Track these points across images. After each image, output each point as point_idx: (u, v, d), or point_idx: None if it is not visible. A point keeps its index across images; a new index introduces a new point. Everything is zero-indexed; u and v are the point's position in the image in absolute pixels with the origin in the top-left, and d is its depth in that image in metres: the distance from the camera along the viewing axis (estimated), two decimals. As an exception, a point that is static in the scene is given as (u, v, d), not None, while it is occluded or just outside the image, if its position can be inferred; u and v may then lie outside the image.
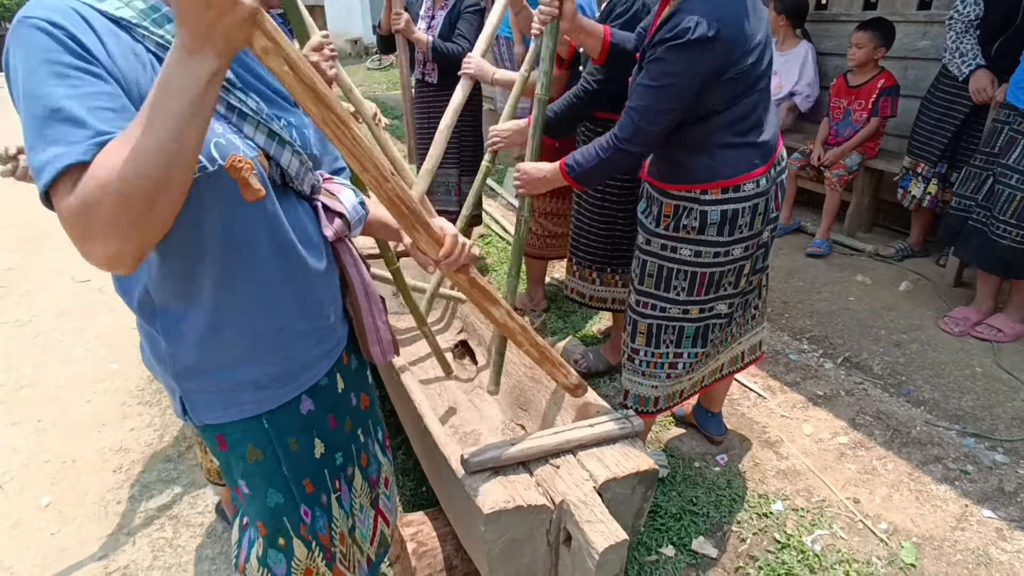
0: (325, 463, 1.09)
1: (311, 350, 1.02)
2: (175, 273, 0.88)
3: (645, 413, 1.82)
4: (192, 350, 0.92)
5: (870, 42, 3.21)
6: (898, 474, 2.04)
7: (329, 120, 0.81)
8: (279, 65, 0.74)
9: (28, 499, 2.12)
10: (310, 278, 0.98)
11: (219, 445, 0.99)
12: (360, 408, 1.21)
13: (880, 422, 2.28)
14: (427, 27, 3.08)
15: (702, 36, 1.36)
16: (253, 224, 0.89)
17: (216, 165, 0.82)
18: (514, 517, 1.35)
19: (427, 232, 1.04)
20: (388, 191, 0.93)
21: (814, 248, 3.53)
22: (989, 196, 2.53)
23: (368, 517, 1.25)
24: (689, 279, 1.64)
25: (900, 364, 2.59)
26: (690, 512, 1.91)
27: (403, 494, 2.08)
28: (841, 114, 3.47)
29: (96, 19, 0.77)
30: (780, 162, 1.63)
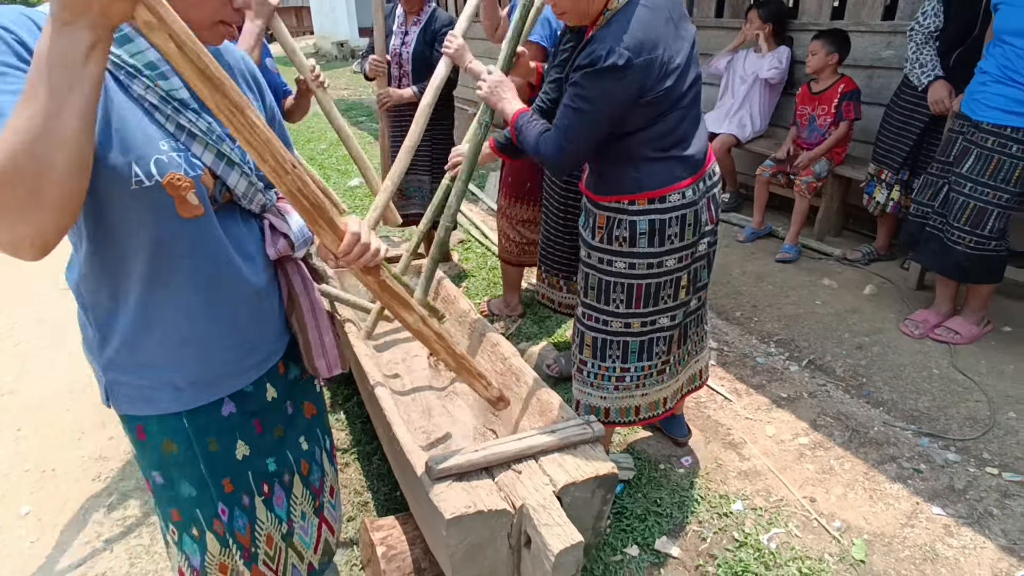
0: (249, 466, 1.12)
1: (238, 362, 1.06)
2: (106, 272, 0.92)
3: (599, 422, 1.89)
4: (116, 344, 0.96)
5: (822, 49, 3.34)
6: (854, 473, 2.13)
7: (222, 106, 0.79)
8: (164, 42, 0.72)
9: (8, 508, 2.15)
10: (244, 294, 1.02)
11: (138, 435, 1.04)
12: (302, 417, 1.24)
13: (840, 423, 2.36)
14: (401, 43, 3.13)
15: (613, 65, 1.42)
16: (187, 238, 0.92)
17: (153, 180, 0.85)
18: (475, 521, 1.41)
19: (330, 228, 1.01)
20: (288, 183, 0.91)
21: (783, 254, 3.62)
22: (944, 203, 2.63)
23: (311, 525, 1.28)
24: (626, 291, 1.69)
25: (862, 366, 2.67)
26: (654, 513, 1.99)
27: (377, 499, 2.13)
28: (807, 120, 3.58)
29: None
30: (710, 176, 1.70)
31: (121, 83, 0.86)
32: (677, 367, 1.88)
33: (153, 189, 0.86)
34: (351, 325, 2.38)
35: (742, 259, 3.67)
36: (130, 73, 0.86)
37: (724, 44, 4.23)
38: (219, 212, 0.97)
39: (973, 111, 2.49)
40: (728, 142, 4.03)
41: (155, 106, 0.88)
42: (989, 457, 2.16)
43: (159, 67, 0.88)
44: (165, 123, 0.89)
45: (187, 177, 0.89)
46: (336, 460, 1.39)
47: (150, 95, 0.88)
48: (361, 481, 2.22)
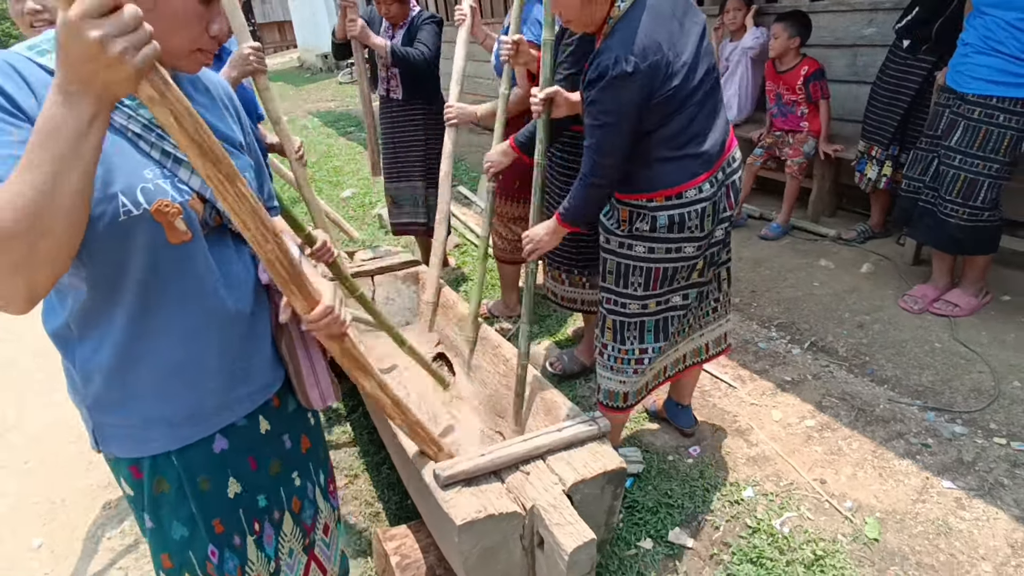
0: (241, 503, 1.09)
1: (228, 392, 1.03)
2: (93, 307, 0.90)
3: (615, 409, 1.90)
4: (103, 383, 0.94)
5: (784, 32, 3.36)
6: (863, 452, 2.13)
7: (213, 176, 0.81)
8: (164, 116, 0.73)
9: (20, 541, 2.15)
10: (232, 319, 1.00)
11: (133, 475, 1.01)
12: (298, 452, 1.21)
13: (845, 403, 2.36)
14: (386, 40, 3.12)
15: (621, 72, 1.46)
16: (176, 265, 0.92)
17: (141, 209, 0.85)
18: (487, 525, 1.41)
19: (302, 295, 1.01)
20: (267, 252, 0.92)
21: (767, 231, 3.67)
22: (935, 177, 2.63)
23: (299, 563, 1.23)
24: (645, 275, 1.72)
25: (864, 345, 2.68)
26: (666, 505, 1.99)
27: (388, 508, 2.13)
28: (774, 97, 3.63)
29: (33, 72, 0.81)
30: (729, 164, 1.70)
31: None
32: (676, 337, 1.91)
33: (141, 218, 0.86)
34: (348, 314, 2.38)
35: (738, 245, 3.67)
36: None
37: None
38: (209, 236, 0.97)
39: (958, 83, 2.49)
40: None
41: (138, 135, 0.88)
42: (996, 427, 2.16)
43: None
44: (150, 151, 0.89)
45: (174, 203, 0.89)
46: (334, 497, 1.34)
47: (132, 124, 0.88)
48: (372, 492, 2.21)
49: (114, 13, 0.65)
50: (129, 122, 0.88)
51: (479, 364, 2.38)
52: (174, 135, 0.75)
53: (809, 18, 3.43)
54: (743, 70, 3.96)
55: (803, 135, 3.55)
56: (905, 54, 2.99)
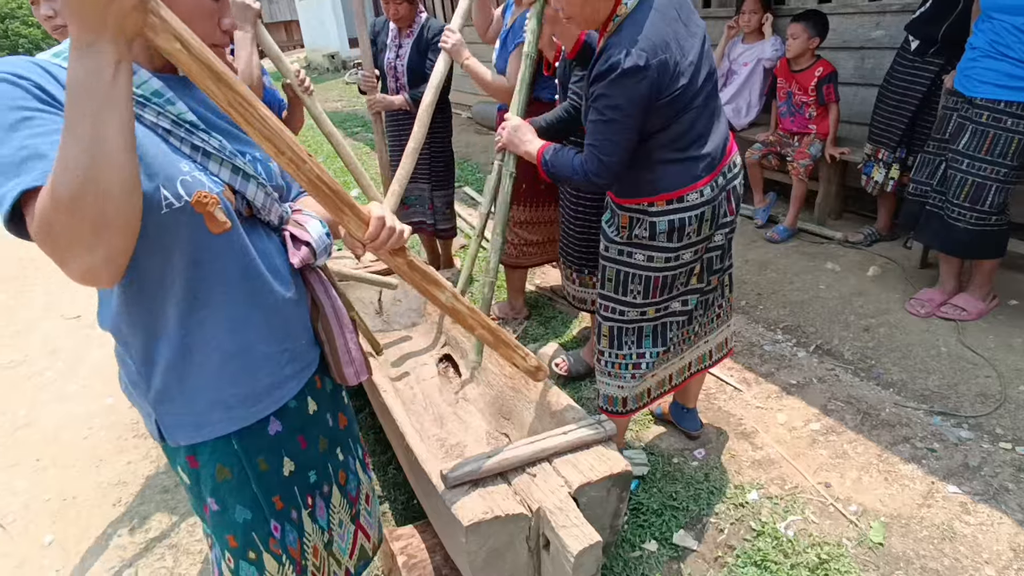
0: (295, 481, 1.15)
1: (279, 371, 1.08)
2: (146, 300, 0.93)
3: (616, 413, 1.90)
4: (163, 374, 0.98)
5: (803, 32, 3.34)
6: (868, 456, 2.13)
7: (234, 101, 0.81)
8: (169, 43, 0.74)
9: (31, 538, 2.18)
10: (277, 304, 1.05)
11: (190, 464, 1.06)
12: (338, 428, 1.28)
13: (851, 406, 2.37)
14: (395, 55, 3.15)
15: (633, 66, 1.44)
16: (220, 254, 0.95)
17: (182, 201, 0.88)
18: (493, 527, 1.42)
19: (354, 213, 1.04)
20: (307, 172, 0.93)
21: (773, 233, 3.67)
22: (943, 181, 2.63)
23: (348, 532, 1.32)
24: (643, 283, 1.73)
25: (870, 348, 2.68)
26: (670, 507, 2.00)
27: (394, 507, 2.15)
28: (784, 95, 3.62)
29: (61, 74, 0.84)
30: (730, 169, 1.71)
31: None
32: (681, 346, 1.91)
33: (183, 210, 0.88)
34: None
35: (744, 248, 3.68)
36: (140, 103, 0.89)
37: (712, 34, 4.22)
38: (243, 226, 1.00)
39: (966, 87, 2.49)
40: None
41: (168, 131, 0.91)
42: (1002, 432, 2.16)
43: (164, 94, 0.91)
44: (180, 146, 0.92)
45: (212, 193, 0.92)
46: (369, 468, 1.42)
47: (162, 120, 0.91)
48: (378, 491, 2.23)
49: None
50: (159, 119, 0.90)
51: (485, 366, 2.40)
52: (183, 63, 0.76)
53: (827, 19, 3.40)
54: (758, 77, 3.95)
55: (809, 138, 3.54)
56: (913, 57, 2.98)
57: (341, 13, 14.40)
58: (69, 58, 0.70)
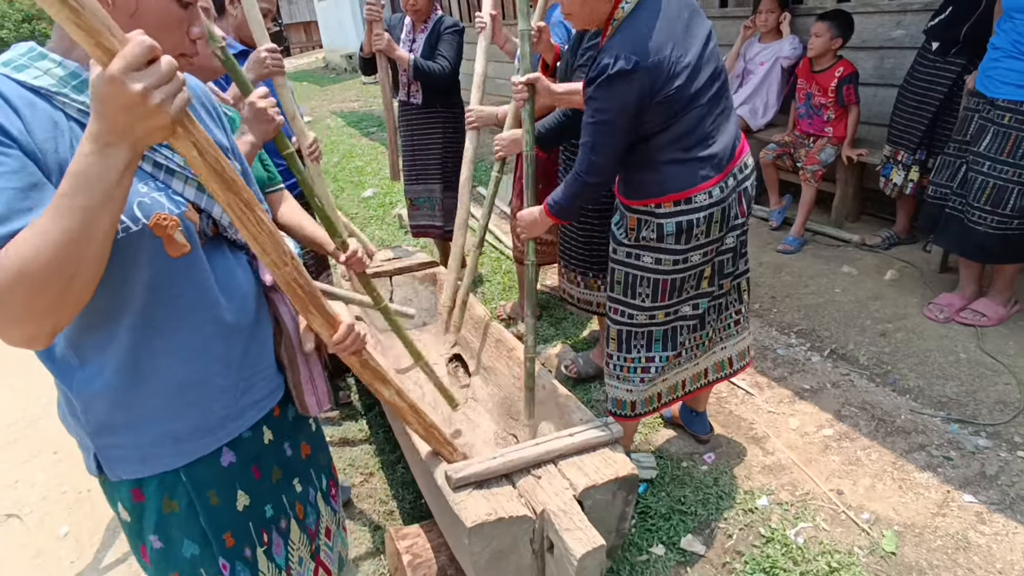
0: (250, 516, 1.08)
1: (235, 401, 1.02)
2: (94, 329, 0.88)
3: (624, 417, 1.89)
4: (107, 405, 0.92)
5: (827, 31, 3.28)
6: (882, 464, 2.09)
7: (234, 205, 0.81)
8: (188, 150, 0.75)
9: (47, 530, 2.22)
10: (234, 331, 0.99)
11: (133, 497, 0.99)
12: (299, 458, 1.21)
13: (865, 412, 2.33)
14: (408, 50, 3.16)
15: (621, 70, 1.46)
16: (178, 278, 0.91)
17: (140, 224, 0.84)
18: (497, 528, 1.42)
19: (321, 315, 1.02)
20: (285, 274, 0.92)
21: (785, 245, 3.58)
22: (963, 184, 2.57)
23: (308, 570, 1.24)
24: (652, 286, 1.72)
25: (886, 354, 2.63)
26: (679, 511, 1.98)
27: (402, 507, 2.16)
28: (804, 96, 3.55)
29: (12, 90, 0.79)
30: (741, 171, 1.69)
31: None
32: (695, 351, 1.89)
33: (140, 233, 0.84)
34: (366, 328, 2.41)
35: (759, 250, 3.63)
36: None
37: (729, 34, 4.19)
38: (206, 247, 0.95)
39: (987, 88, 2.44)
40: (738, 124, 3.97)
41: None
42: (1021, 440, 2.11)
43: None
44: (142, 164, 0.87)
45: (172, 215, 0.87)
46: (336, 500, 1.35)
47: None
48: (386, 490, 2.24)
49: (152, 64, 0.66)
50: None
51: (493, 366, 2.40)
52: (195, 166, 0.76)
53: (852, 19, 3.33)
54: (776, 77, 3.90)
55: (823, 141, 3.49)
56: (934, 57, 2.92)
57: (359, 14, 14.50)
58: (80, 148, 0.69)
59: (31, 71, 0.82)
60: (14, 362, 3.36)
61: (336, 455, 2.43)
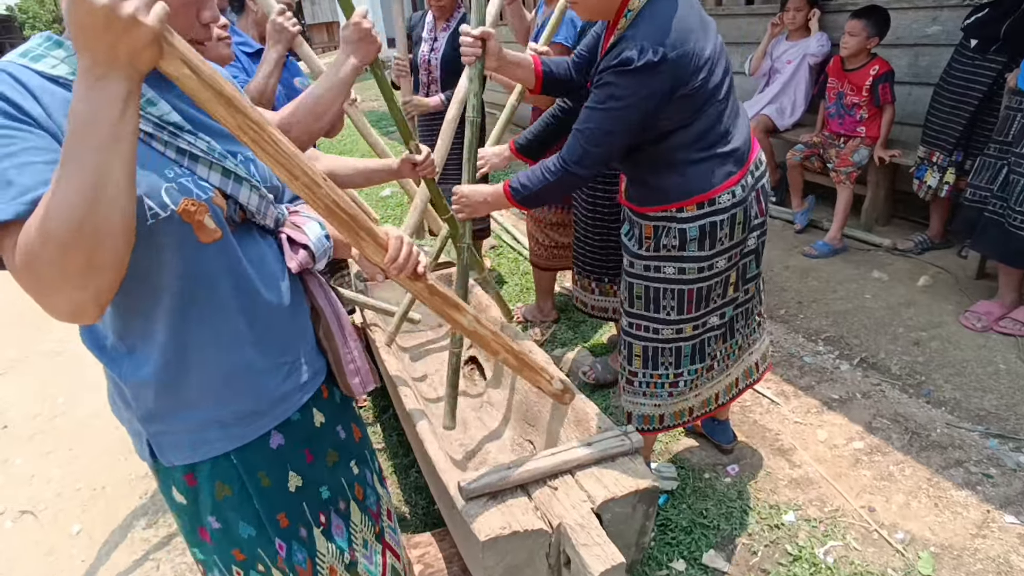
0: (303, 497, 1.08)
1: (279, 387, 1.02)
2: (134, 317, 0.89)
3: (651, 431, 1.81)
4: (155, 393, 0.92)
5: (863, 30, 3.16)
6: (916, 480, 1.99)
7: (245, 126, 0.78)
8: (177, 68, 0.71)
9: (61, 527, 2.21)
10: (273, 314, 0.99)
11: (187, 482, 1.00)
12: (352, 440, 1.21)
13: (898, 425, 2.22)
14: (430, 48, 3.12)
15: (648, 63, 1.36)
16: (211, 264, 0.90)
17: (168, 211, 0.83)
18: (511, 542, 1.37)
19: (372, 239, 1.00)
20: (322, 197, 0.89)
21: (811, 249, 3.44)
22: (1004, 186, 2.45)
23: (375, 552, 1.23)
24: (677, 297, 1.62)
25: (919, 363, 2.52)
26: (700, 525, 1.90)
27: (415, 512, 2.11)
28: (835, 96, 3.43)
29: (31, 79, 0.80)
30: (757, 167, 1.61)
31: None
32: (726, 361, 1.80)
33: (169, 220, 0.84)
34: (379, 334, 2.37)
35: (785, 253, 3.53)
36: None
37: (756, 32, 4.08)
38: (237, 232, 0.95)
39: (1032, 86, 2.32)
40: (764, 123, 3.86)
41: (151, 135, 0.86)
42: (1067, 459, 1.99)
43: (144, 94, 0.86)
44: (165, 150, 0.87)
45: (200, 201, 0.87)
46: (386, 482, 1.35)
47: (144, 124, 0.85)
48: (398, 495, 2.20)
49: None
50: (140, 122, 0.85)
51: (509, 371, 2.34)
52: (190, 88, 0.72)
53: (889, 16, 3.21)
54: (804, 74, 3.79)
55: (856, 142, 3.37)
56: (973, 54, 2.80)
57: (380, 14, 14.54)
58: (75, 89, 0.67)
59: (48, 60, 0.82)
60: (33, 360, 3.39)
61: (349, 458, 2.40)
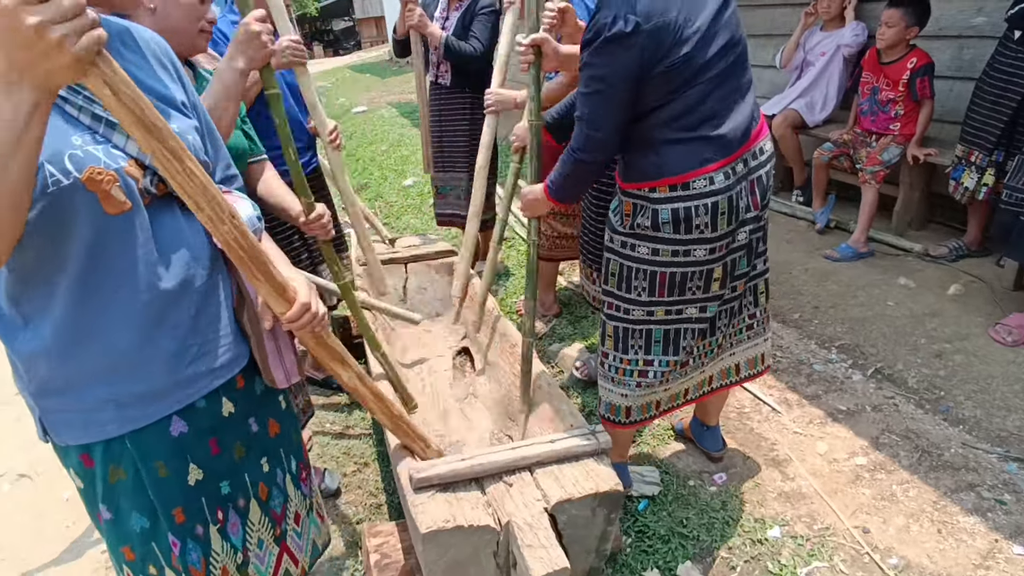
0: (203, 491, 1.03)
1: (182, 369, 0.97)
2: (30, 287, 0.86)
3: (617, 424, 1.73)
4: (47, 366, 0.90)
5: (901, 20, 2.95)
6: (921, 502, 1.84)
7: (158, 152, 0.76)
8: (100, 89, 0.70)
9: (53, 492, 2.27)
10: (182, 293, 0.95)
11: (84, 463, 0.96)
12: (266, 435, 1.15)
13: (908, 442, 2.07)
14: (441, 27, 3.07)
15: (619, 32, 1.29)
16: (117, 237, 0.87)
17: (71, 178, 0.80)
18: (455, 536, 1.31)
19: (269, 283, 0.96)
20: (224, 233, 0.86)
21: (833, 251, 3.25)
22: (1045, 189, 2.25)
23: (270, 555, 1.18)
24: (649, 279, 1.54)
25: (940, 377, 2.34)
26: (679, 534, 1.80)
27: (392, 501, 2.08)
28: (869, 91, 3.21)
29: None
30: (755, 156, 1.50)
31: None
32: (702, 358, 1.70)
33: (73, 187, 0.81)
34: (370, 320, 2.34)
35: (806, 255, 3.35)
36: None
37: (791, 23, 3.88)
38: (154, 205, 0.91)
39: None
40: (792, 118, 3.66)
41: (64, 98, 0.83)
42: (1096, 490, 1.81)
43: None
44: (79, 115, 0.84)
45: (108, 170, 0.84)
46: (306, 484, 1.29)
47: None
48: (377, 482, 2.17)
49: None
50: None
51: (495, 362, 2.28)
52: (113, 110, 0.72)
53: (929, 5, 2.99)
54: (837, 67, 3.58)
55: (887, 139, 3.16)
56: (1017, 46, 2.57)
57: (423, 7, 14.62)
58: None
59: None
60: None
61: (334, 443, 2.38)
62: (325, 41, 27.11)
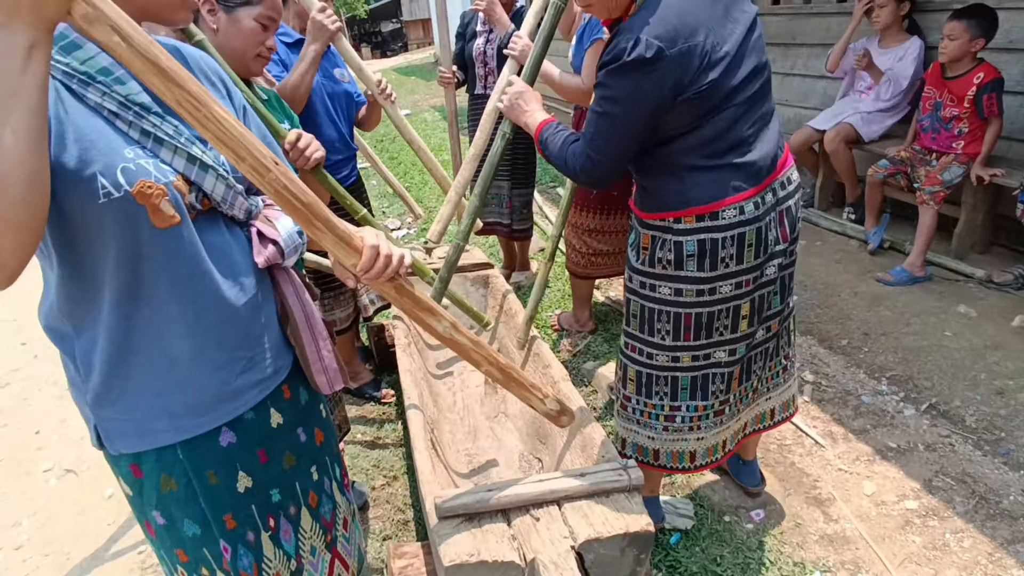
0: (253, 499, 1.06)
1: (231, 381, 0.99)
2: (82, 298, 0.88)
3: (646, 464, 1.67)
4: (102, 375, 0.91)
5: (964, 33, 2.78)
6: (975, 553, 1.72)
7: (183, 100, 0.74)
8: (107, 36, 0.67)
9: (97, 488, 2.35)
10: (231, 307, 0.96)
11: (133, 473, 0.99)
12: (313, 444, 1.18)
13: (964, 486, 1.94)
14: (485, 41, 3.08)
15: (639, 58, 1.21)
16: (166, 250, 0.88)
17: (122, 191, 0.81)
18: (478, 571, 1.28)
19: (332, 232, 0.93)
20: (271, 181, 0.83)
21: (886, 275, 3.09)
22: None
23: (323, 561, 1.21)
24: (673, 321, 1.47)
25: (1001, 417, 2.19)
26: (712, 572, 1.74)
27: (419, 518, 2.07)
28: (930, 107, 3.04)
29: None
30: (783, 186, 1.42)
31: (75, 92, 0.83)
32: (739, 405, 1.62)
33: (123, 200, 0.82)
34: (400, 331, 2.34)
35: (856, 278, 3.20)
36: (83, 81, 0.83)
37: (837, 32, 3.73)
38: (200, 220, 0.93)
39: None
40: (846, 132, 3.51)
41: (115, 113, 0.85)
42: None
43: (113, 72, 0.85)
44: (128, 130, 0.86)
45: (158, 184, 0.85)
46: (349, 491, 1.32)
47: (108, 102, 0.84)
48: (405, 497, 2.17)
49: None
50: (104, 99, 0.84)
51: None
52: (123, 57, 0.69)
53: (997, 16, 2.82)
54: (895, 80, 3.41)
55: (949, 158, 2.99)
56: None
57: (468, 10, 14.73)
58: None
59: None
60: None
61: (364, 455, 2.39)
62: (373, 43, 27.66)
